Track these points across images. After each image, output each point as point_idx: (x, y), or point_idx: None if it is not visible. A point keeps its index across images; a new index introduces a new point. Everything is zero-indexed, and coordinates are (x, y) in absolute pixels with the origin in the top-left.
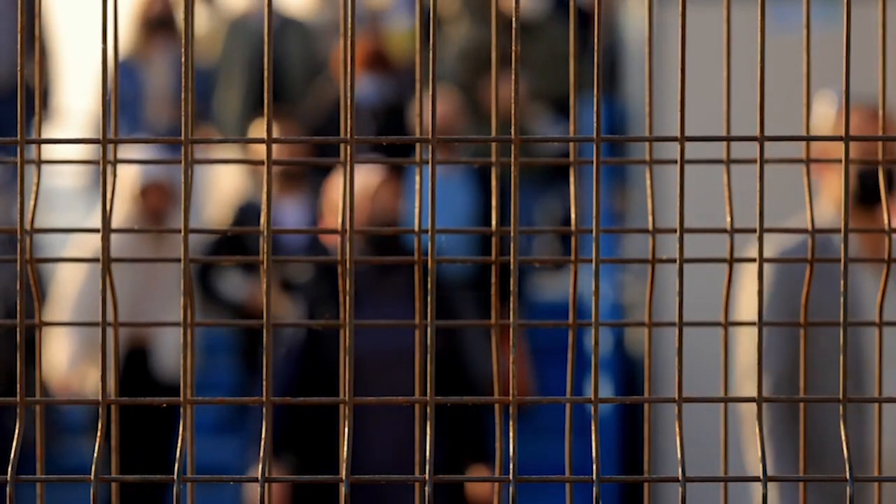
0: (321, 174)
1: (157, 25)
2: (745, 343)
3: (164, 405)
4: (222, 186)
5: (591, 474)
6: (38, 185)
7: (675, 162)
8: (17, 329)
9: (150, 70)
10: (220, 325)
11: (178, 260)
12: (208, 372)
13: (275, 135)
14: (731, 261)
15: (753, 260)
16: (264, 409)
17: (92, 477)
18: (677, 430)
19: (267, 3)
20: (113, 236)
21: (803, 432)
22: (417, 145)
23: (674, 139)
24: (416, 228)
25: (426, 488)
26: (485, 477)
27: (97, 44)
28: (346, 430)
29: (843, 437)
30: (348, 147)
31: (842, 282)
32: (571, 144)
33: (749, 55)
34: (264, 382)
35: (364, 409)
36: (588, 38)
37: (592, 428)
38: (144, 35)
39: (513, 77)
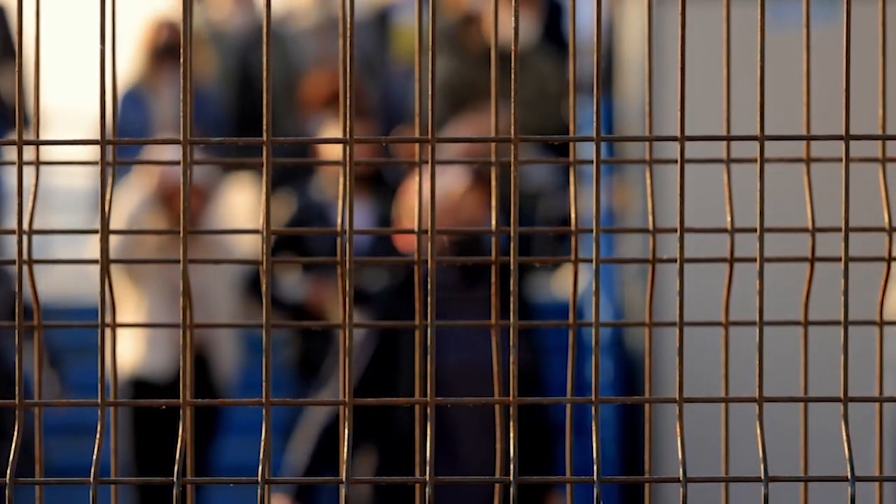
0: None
1: (165, 54)
2: None
3: (164, 406)
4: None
5: (592, 475)
6: (36, 186)
7: (676, 161)
8: (17, 330)
9: (158, 99)
10: (220, 327)
11: (178, 261)
12: (256, 371)
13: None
14: (732, 261)
15: (754, 260)
16: (264, 412)
17: (91, 480)
18: (678, 430)
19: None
20: (145, 244)
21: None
22: (417, 146)
23: (674, 139)
24: (417, 229)
25: (427, 489)
26: (485, 478)
27: (97, 45)
28: (347, 431)
29: (845, 436)
30: (349, 147)
31: (842, 281)
32: (571, 144)
33: (748, 54)
34: (264, 385)
35: (452, 417)
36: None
37: (593, 429)
38: (152, 64)
39: (512, 76)
